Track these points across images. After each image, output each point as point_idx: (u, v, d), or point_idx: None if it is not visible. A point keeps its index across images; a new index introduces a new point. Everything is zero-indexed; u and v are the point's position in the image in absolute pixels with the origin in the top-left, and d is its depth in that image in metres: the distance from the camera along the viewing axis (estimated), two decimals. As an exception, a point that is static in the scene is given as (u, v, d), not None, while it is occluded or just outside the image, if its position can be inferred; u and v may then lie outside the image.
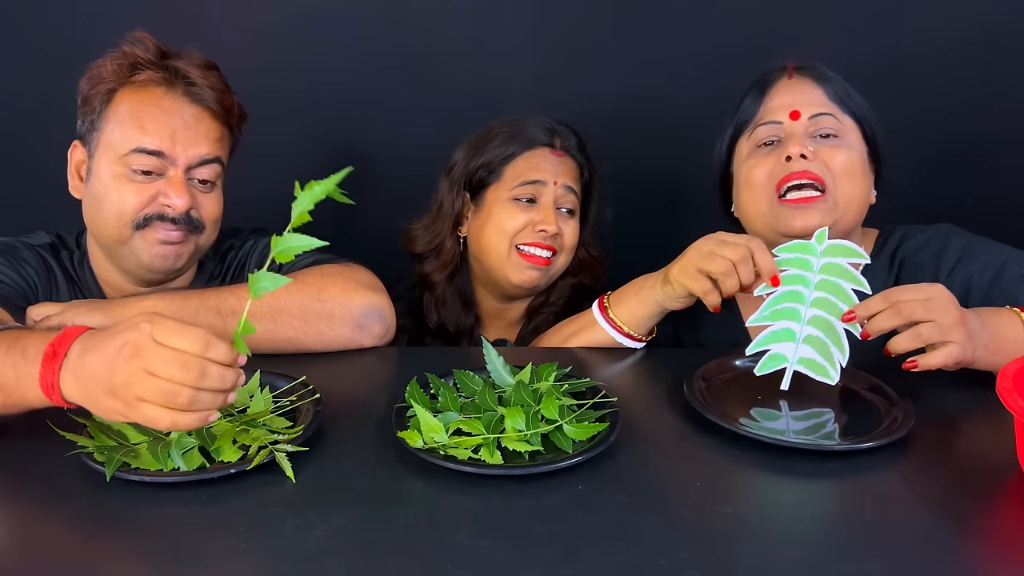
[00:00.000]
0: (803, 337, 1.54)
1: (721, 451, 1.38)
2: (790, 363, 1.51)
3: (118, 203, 1.80)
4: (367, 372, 1.75)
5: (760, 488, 1.30)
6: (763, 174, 1.81)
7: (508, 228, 2.12)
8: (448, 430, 1.35)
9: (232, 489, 1.25)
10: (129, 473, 1.25)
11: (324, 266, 1.81)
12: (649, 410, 1.54)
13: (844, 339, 1.53)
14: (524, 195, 2.12)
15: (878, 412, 1.49)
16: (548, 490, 1.25)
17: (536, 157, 2.15)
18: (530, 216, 2.11)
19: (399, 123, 2.62)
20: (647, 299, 1.77)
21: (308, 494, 1.24)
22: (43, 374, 1.27)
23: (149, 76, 1.83)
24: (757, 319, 1.58)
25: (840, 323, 1.54)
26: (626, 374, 1.74)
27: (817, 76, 1.83)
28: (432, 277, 2.25)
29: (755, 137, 1.83)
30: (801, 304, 1.57)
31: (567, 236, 2.14)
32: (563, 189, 2.12)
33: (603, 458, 1.33)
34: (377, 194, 2.65)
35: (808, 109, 1.79)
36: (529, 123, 2.18)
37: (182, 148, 1.80)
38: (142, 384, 1.20)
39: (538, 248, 2.10)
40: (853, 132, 1.81)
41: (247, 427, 1.36)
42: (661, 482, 1.29)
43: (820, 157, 1.76)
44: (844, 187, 1.77)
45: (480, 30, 2.58)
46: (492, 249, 2.15)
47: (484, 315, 2.30)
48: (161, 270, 1.85)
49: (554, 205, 2.12)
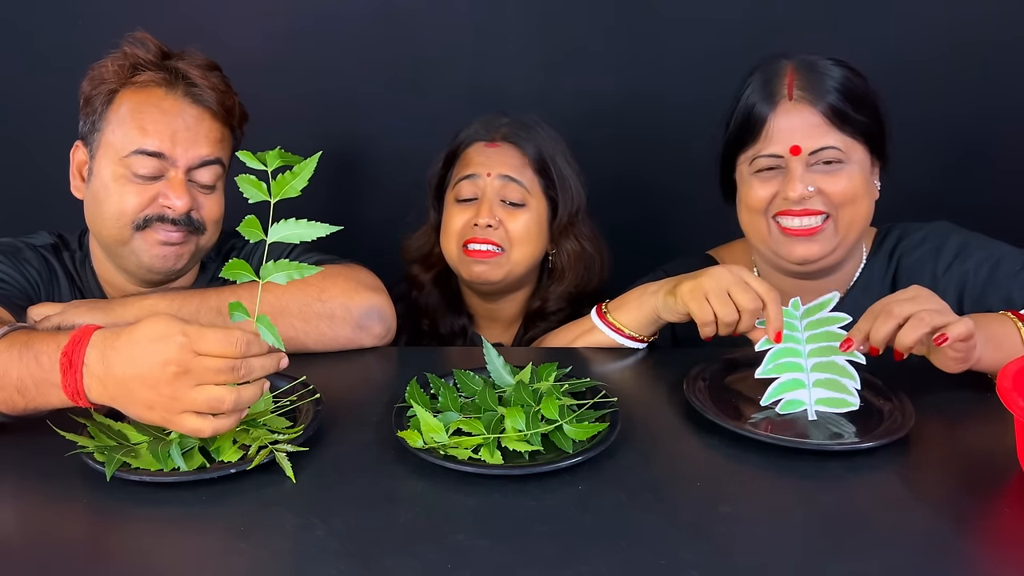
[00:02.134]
0: (812, 382, 1.53)
1: (721, 451, 1.38)
2: (809, 406, 1.51)
3: (119, 204, 1.79)
4: (367, 372, 1.75)
5: (760, 488, 1.30)
6: (763, 201, 1.81)
7: (452, 229, 2.11)
8: (448, 430, 1.35)
9: (232, 489, 1.25)
10: (129, 473, 1.25)
11: (328, 266, 1.80)
12: (649, 410, 1.54)
13: (850, 368, 1.52)
14: (463, 194, 2.10)
15: (878, 412, 1.49)
16: (548, 490, 1.25)
17: (471, 153, 2.13)
18: (469, 214, 2.09)
19: (399, 124, 2.61)
20: (645, 304, 1.77)
21: (308, 494, 1.24)
22: (66, 383, 1.28)
23: (150, 77, 1.82)
24: (763, 372, 1.57)
25: (840, 358, 1.53)
26: (626, 374, 1.73)
27: (817, 94, 1.76)
28: (419, 278, 2.25)
29: (755, 164, 1.81)
30: (799, 357, 1.56)
31: (514, 228, 2.09)
32: (500, 180, 2.09)
33: (603, 458, 1.32)
34: (378, 196, 2.65)
35: (808, 143, 1.75)
36: (477, 121, 2.17)
37: (182, 149, 1.80)
38: (190, 400, 1.22)
39: (479, 243, 2.08)
40: (856, 150, 1.78)
41: (247, 427, 1.36)
42: (661, 482, 1.29)
43: (821, 188, 1.75)
44: (846, 213, 1.77)
45: (479, 31, 2.57)
46: (447, 252, 2.14)
47: (477, 316, 2.29)
48: (162, 271, 1.85)
49: (496, 197, 2.09)
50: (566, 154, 2.15)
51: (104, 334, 1.28)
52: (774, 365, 1.56)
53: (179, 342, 1.21)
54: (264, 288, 1.29)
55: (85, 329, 1.30)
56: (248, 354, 1.24)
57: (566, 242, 2.16)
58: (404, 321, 2.14)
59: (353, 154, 2.64)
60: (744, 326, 1.63)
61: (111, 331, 1.28)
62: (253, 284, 1.29)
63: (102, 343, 1.27)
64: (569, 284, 2.18)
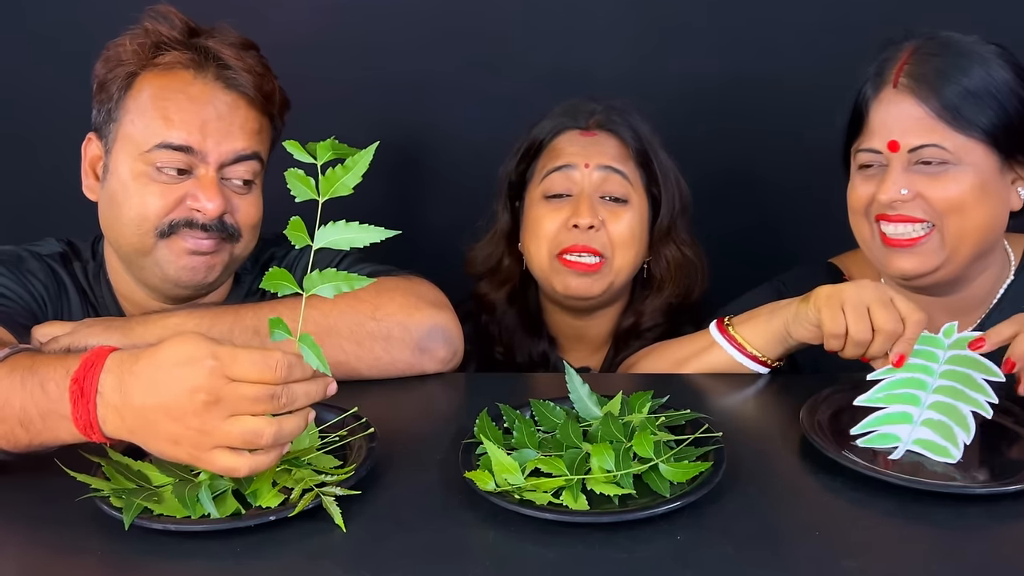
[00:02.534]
0: (921, 420, 1.49)
1: (844, 495, 1.36)
2: (903, 443, 1.46)
3: (139, 207, 1.78)
4: (429, 402, 1.74)
5: (889, 537, 1.27)
6: (861, 200, 1.81)
7: (542, 231, 2.09)
8: (524, 470, 1.35)
9: (271, 540, 1.24)
10: (151, 521, 1.24)
11: (382, 279, 1.78)
12: (760, 446, 1.52)
13: (970, 419, 1.48)
14: (553, 189, 2.09)
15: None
16: (641, 541, 1.23)
17: (563, 142, 2.12)
18: (563, 213, 2.07)
19: (467, 112, 2.61)
20: (775, 318, 1.75)
21: (360, 545, 1.23)
22: (77, 414, 1.27)
23: (175, 58, 1.81)
24: (868, 400, 1.53)
25: (966, 407, 1.48)
26: (733, 404, 1.73)
27: (927, 84, 1.73)
28: (489, 297, 2.25)
29: (859, 158, 1.81)
30: (923, 390, 1.52)
31: (617, 230, 2.07)
32: (600, 171, 2.07)
33: (706, 503, 1.30)
34: (444, 196, 2.63)
35: (909, 138, 1.73)
36: (560, 107, 2.16)
37: (214, 142, 1.79)
38: (223, 433, 1.21)
39: (579, 253, 2.06)
40: (971, 151, 1.73)
41: (289, 467, 1.36)
42: (774, 531, 1.27)
43: (921, 192, 1.73)
44: (952, 224, 1.74)
45: (565, 4, 2.56)
46: (534, 259, 2.14)
47: (561, 338, 2.28)
48: (190, 284, 1.85)
49: (595, 193, 2.07)
50: (663, 146, 2.15)
51: (121, 357, 1.28)
52: (886, 395, 1.54)
53: (209, 366, 1.20)
54: (308, 303, 1.28)
55: (99, 351, 1.29)
56: (290, 379, 1.23)
57: (666, 248, 2.16)
58: (473, 346, 2.12)
59: (415, 147, 2.65)
60: (875, 349, 1.60)
61: (129, 354, 1.28)
62: (296, 298, 1.28)
63: (119, 368, 1.26)
64: (669, 296, 2.18)
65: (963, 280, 1.82)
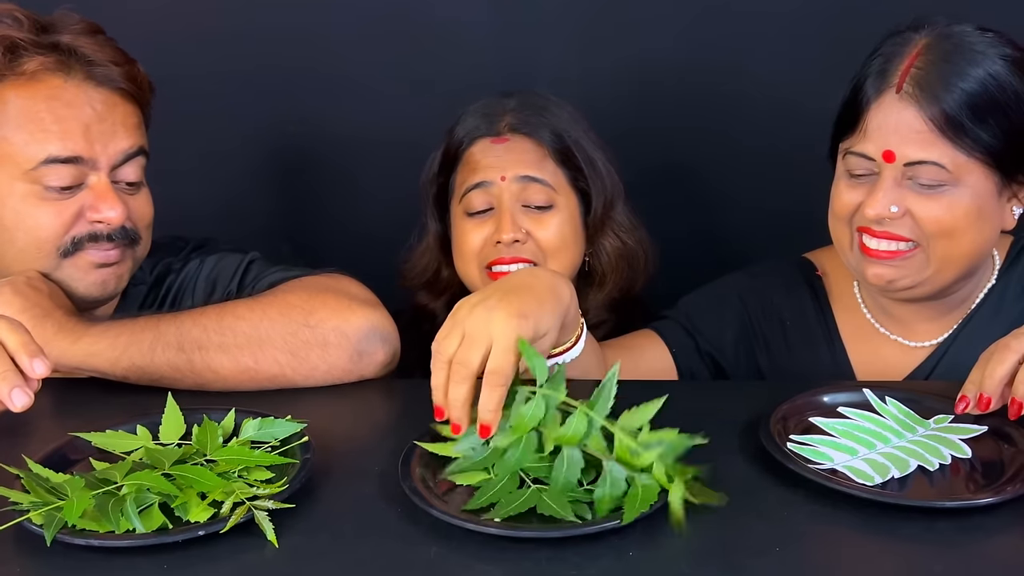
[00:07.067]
0: (863, 457, 1.49)
1: (806, 508, 1.36)
2: (834, 464, 1.46)
3: (35, 230, 1.76)
4: (368, 410, 1.74)
5: (852, 554, 1.29)
6: (846, 210, 1.79)
7: (467, 249, 2.10)
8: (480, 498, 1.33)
9: (201, 555, 1.24)
10: (73, 536, 1.24)
11: (304, 279, 1.77)
12: (716, 458, 1.49)
13: (912, 465, 1.46)
14: (474, 207, 2.09)
15: (999, 461, 1.46)
16: (592, 557, 1.23)
17: (477, 153, 2.11)
18: (487, 228, 2.08)
19: (381, 110, 2.59)
20: None
21: (294, 561, 1.23)
22: None
23: (39, 63, 1.75)
24: (827, 424, 1.53)
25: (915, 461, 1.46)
26: (687, 413, 1.70)
27: (933, 92, 1.68)
28: (430, 307, 2.26)
29: (848, 161, 1.78)
30: (883, 443, 1.50)
31: (545, 237, 2.07)
32: (518, 182, 2.06)
33: (659, 517, 1.30)
34: (356, 200, 2.60)
35: (906, 150, 1.69)
36: (473, 107, 2.15)
37: (101, 147, 1.77)
38: None
39: (505, 264, 2.06)
40: (971, 171, 1.70)
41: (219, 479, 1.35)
42: (731, 548, 1.27)
43: (911, 210, 1.72)
44: (939, 247, 1.73)
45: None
46: (465, 276, 2.15)
47: None
48: (100, 298, 1.83)
49: (517, 204, 2.07)
50: (588, 131, 2.14)
51: None
52: (845, 428, 1.53)
53: None
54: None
55: None
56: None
57: (604, 239, 2.16)
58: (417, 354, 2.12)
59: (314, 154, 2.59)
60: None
61: None
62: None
63: None
64: (612, 290, 2.19)
65: (945, 290, 1.82)
